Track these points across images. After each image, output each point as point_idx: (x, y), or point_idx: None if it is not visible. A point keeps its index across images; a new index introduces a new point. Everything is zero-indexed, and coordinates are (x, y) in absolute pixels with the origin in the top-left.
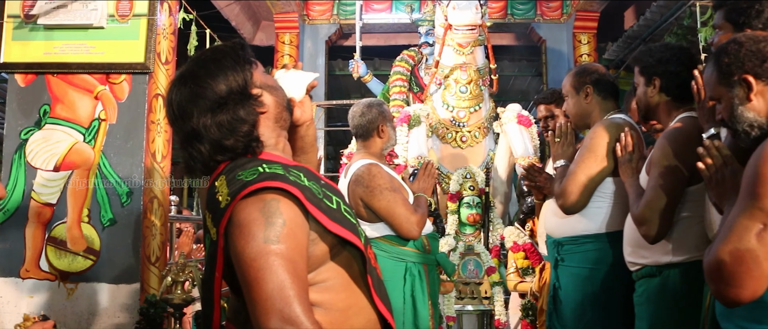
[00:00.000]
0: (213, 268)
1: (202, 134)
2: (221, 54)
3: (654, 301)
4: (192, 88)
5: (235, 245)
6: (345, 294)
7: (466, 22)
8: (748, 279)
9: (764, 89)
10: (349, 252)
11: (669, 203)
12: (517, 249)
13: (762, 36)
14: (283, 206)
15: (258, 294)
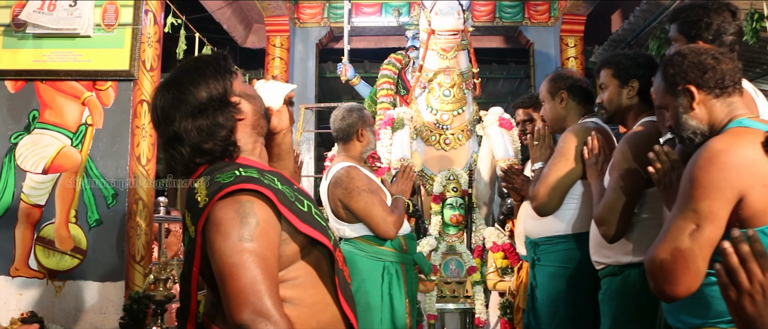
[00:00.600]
0: (191, 264)
1: (183, 138)
2: (203, 63)
3: (615, 299)
4: (175, 94)
5: (213, 242)
6: (313, 290)
7: (448, 27)
8: (683, 276)
9: (706, 99)
10: (319, 253)
11: (627, 205)
12: (497, 249)
13: (704, 49)
14: (257, 207)
15: (232, 288)
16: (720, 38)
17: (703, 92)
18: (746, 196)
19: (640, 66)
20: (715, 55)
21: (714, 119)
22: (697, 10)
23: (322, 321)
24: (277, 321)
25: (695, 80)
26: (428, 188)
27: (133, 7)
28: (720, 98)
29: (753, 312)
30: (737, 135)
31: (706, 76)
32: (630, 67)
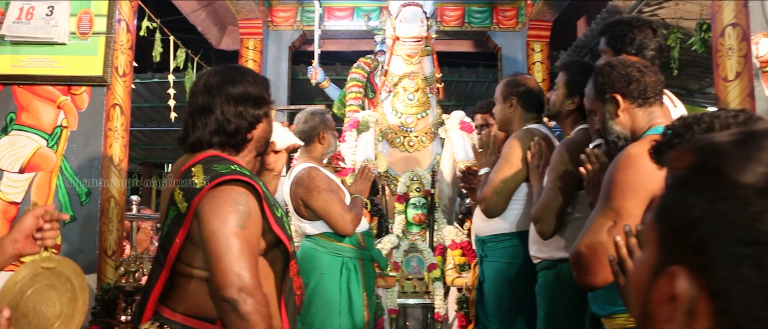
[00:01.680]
0: (175, 235)
1: (215, 111)
2: (257, 74)
3: (550, 291)
4: (233, 76)
5: (210, 224)
6: (266, 282)
7: (412, 34)
8: (600, 268)
9: (630, 107)
10: (277, 255)
11: (560, 205)
12: (455, 246)
13: (631, 62)
14: (250, 200)
15: (224, 265)
16: (642, 52)
17: (628, 101)
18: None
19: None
20: (640, 68)
21: (636, 125)
22: (623, 26)
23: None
24: (259, 299)
25: (621, 90)
26: (392, 189)
27: (107, 17)
28: (642, 108)
29: None
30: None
31: (631, 87)
32: (580, 83)
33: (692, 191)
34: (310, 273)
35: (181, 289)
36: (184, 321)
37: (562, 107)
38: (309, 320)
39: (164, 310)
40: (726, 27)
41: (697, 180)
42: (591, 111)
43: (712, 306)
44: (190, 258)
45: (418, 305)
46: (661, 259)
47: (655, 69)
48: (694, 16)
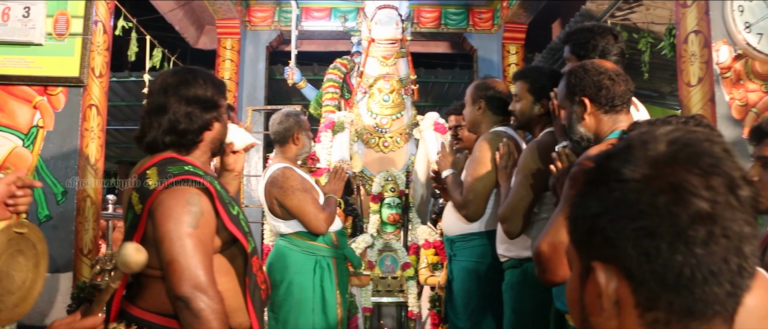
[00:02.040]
0: (132, 236)
1: (168, 111)
2: (213, 76)
3: (516, 289)
4: (187, 78)
5: (163, 225)
6: (226, 278)
7: (387, 36)
8: (560, 266)
9: (596, 112)
10: (236, 252)
11: (527, 205)
12: (428, 245)
13: (604, 68)
14: (202, 200)
15: (178, 265)
16: (605, 58)
17: (595, 106)
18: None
19: (554, 85)
20: (612, 76)
21: (600, 130)
22: (585, 34)
23: (233, 306)
24: (212, 296)
25: (590, 95)
26: (368, 188)
27: (83, 18)
28: (609, 114)
29: None
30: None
31: (601, 94)
32: (545, 87)
33: (590, 195)
34: (284, 271)
35: (146, 288)
36: (152, 318)
37: (531, 113)
38: (282, 317)
39: (132, 309)
40: (689, 34)
41: (593, 184)
42: (560, 107)
43: (630, 286)
44: (152, 260)
45: (392, 303)
46: (583, 265)
47: (627, 78)
48: (664, 21)
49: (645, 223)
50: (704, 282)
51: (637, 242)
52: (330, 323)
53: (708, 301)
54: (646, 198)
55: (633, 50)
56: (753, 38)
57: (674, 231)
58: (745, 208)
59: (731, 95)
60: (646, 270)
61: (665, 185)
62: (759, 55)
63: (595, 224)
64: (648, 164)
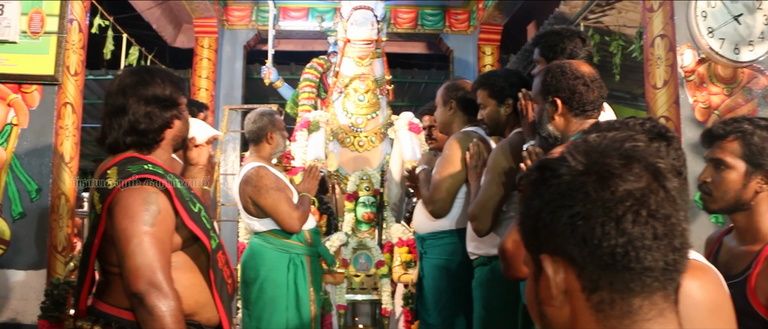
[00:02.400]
0: (94, 236)
1: (128, 112)
2: (171, 74)
3: (485, 286)
4: (144, 78)
5: (120, 223)
6: (190, 274)
7: (362, 37)
8: (524, 262)
9: (567, 114)
10: (198, 248)
11: (496, 203)
12: (402, 244)
13: (581, 72)
14: (160, 198)
15: (132, 262)
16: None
17: (566, 108)
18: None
19: (512, 85)
20: (588, 82)
21: (567, 130)
22: (554, 37)
23: (200, 302)
24: (167, 293)
25: (564, 97)
26: (343, 187)
27: (59, 16)
28: (578, 117)
29: None
30: None
31: (574, 98)
32: (504, 88)
33: (533, 195)
34: (258, 268)
35: (113, 284)
36: (119, 313)
37: (499, 117)
38: (256, 314)
39: (101, 305)
40: (655, 38)
41: (535, 185)
42: (533, 100)
43: (575, 272)
44: (110, 257)
45: (366, 301)
46: (534, 263)
47: (601, 84)
48: (635, 24)
49: (579, 209)
50: (637, 259)
51: (574, 228)
52: (303, 320)
53: (645, 276)
54: (577, 187)
55: (605, 52)
56: (715, 43)
57: (604, 213)
58: (671, 196)
59: (695, 97)
60: (585, 254)
61: (592, 173)
62: (721, 60)
63: (538, 220)
64: (578, 159)
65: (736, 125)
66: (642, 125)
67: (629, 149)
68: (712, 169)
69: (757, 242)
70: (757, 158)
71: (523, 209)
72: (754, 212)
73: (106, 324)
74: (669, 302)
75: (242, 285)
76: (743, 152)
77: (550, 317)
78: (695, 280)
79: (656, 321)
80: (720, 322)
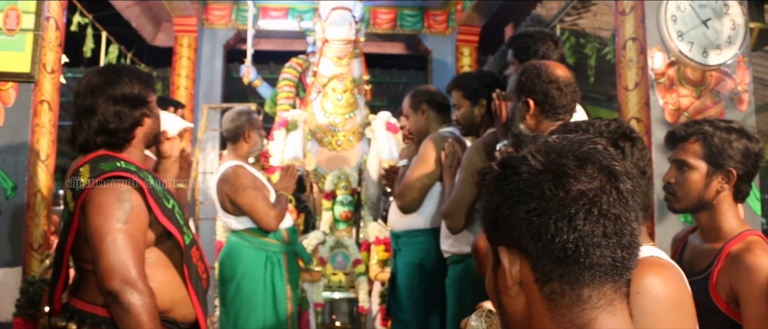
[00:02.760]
0: (67, 233)
1: (97, 113)
2: (139, 71)
3: (459, 283)
4: (111, 77)
5: (93, 220)
6: (164, 270)
7: (340, 37)
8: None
9: (538, 115)
10: (172, 245)
11: (469, 202)
12: (379, 242)
13: (555, 76)
14: (133, 195)
15: (106, 260)
16: None
17: (538, 110)
18: None
19: (486, 86)
20: (561, 87)
21: (538, 131)
22: (527, 39)
23: (175, 299)
24: (142, 290)
25: (536, 99)
26: (320, 186)
27: (35, 14)
28: (549, 119)
29: None
30: None
31: (546, 101)
32: (478, 89)
33: (494, 190)
34: (235, 266)
35: (87, 282)
36: (94, 310)
37: (473, 117)
38: (234, 312)
39: (76, 302)
40: (627, 40)
41: (497, 181)
42: (506, 98)
43: (529, 264)
44: (84, 254)
45: (343, 299)
46: (494, 255)
47: (575, 89)
48: (610, 26)
49: (535, 205)
50: (587, 254)
51: (529, 223)
52: (280, 318)
53: (594, 269)
54: (534, 184)
55: (581, 54)
56: (685, 46)
57: (558, 210)
58: (623, 197)
59: (665, 99)
60: (539, 247)
61: (549, 172)
62: (690, 63)
63: (498, 214)
64: (538, 159)
65: (697, 127)
66: (607, 125)
67: (585, 152)
68: (675, 170)
69: (718, 241)
70: (717, 158)
71: (485, 203)
72: (716, 212)
73: (80, 321)
74: (619, 293)
75: (220, 282)
76: (704, 153)
77: (506, 306)
78: (657, 277)
79: (605, 309)
80: (681, 318)
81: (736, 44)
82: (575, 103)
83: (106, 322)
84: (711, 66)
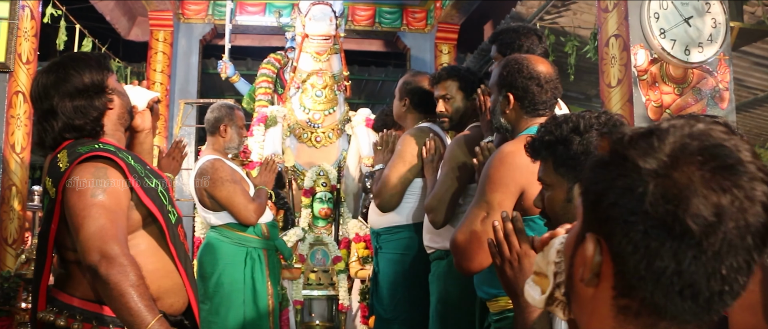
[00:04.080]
0: (50, 221)
1: (58, 113)
2: (87, 56)
3: (442, 279)
4: (59, 75)
5: (69, 199)
6: (153, 258)
7: (320, 32)
8: (475, 255)
9: (518, 110)
10: (158, 226)
11: (452, 196)
12: (359, 239)
13: (536, 73)
14: (110, 172)
15: (83, 235)
16: None
17: (518, 105)
18: (526, 191)
19: (480, 81)
20: (542, 83)
21: (518, 125)
22: (511, 34)
23: (163, 287)
24: (122, 262)
25: (516, 94)
26: (299, 183)
27: (9, 2)
28: (529, 115)
29: (511, 275)
30: (524, 141)
31: (526, 97)
32: (474, 82)
33: (603, 170)
34: (214, 263)
35: (74, 275)
36: (81, 304)
37: (464, 109)
38: (214, 309)
39: (62, 296)
40: (610, 38)
41: (608, 162)
42: (488, 89)
43: (613, 267)
44: (68, 242)
45: (322, 296)
46: (582, 228)
47: (556, 85)
48: (590, 25)
49: (642, 218)
50: (680, 294)
51: (629, 231)
52: (261, 314)
53: (679, 310)
54: (649, 194)
55: (560, 53)
56: (667, 44)
57: (667, 236)
58: (753, 236)
59: (647, 96)
60: (630, 260)
61: (671, 186)
62: (672, 60)
63: (599, 201)
64: (661, 159)
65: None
66: (597, 118)
67: (729, 168)
68: None
69: None
70: None
71: (589, 175)
72: None
73: (70, 317)
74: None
75: (199, 279)
76: None
77: (574, 285)
78: None
79: None
80: None
81: (717, 42)
82: (556, 99)
83: (96, 318)
84: (693, 63)
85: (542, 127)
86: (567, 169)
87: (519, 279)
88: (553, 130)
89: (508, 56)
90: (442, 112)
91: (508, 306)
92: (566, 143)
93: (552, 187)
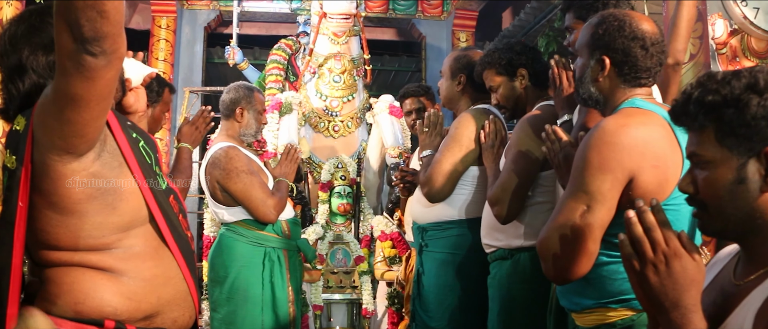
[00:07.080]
0: (14, 199)
1: (27, 70)
2: None
3: (506, 283)
4: (32, 23)
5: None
6: (151, 263)
7: (340, 10)
8: (574, 258)
9: (614, 77)
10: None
11: (521, 185)
12: (385, 238)
13: (641, 33)
14: None
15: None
16: None
17: (615, 71)
18: (637, 177)
19: (519, 54)
20: (646, 45)
21: (612, 97)
22: None
23: (163, 297)
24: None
25: (615, 58)
26: (316, 176)
27: None
28: (627, 85)
29: (656, 282)
30: (629, 115)
31: (627, 62)
32: (512, 59)
33: None
34: (228, 264)
35: (53, 282)
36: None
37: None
38: (227, 317)
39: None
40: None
41: None
42: (576, 51)
43: None
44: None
45: (343, 301)
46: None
47: (663, 49)
48: None
49: None
50: None
51: None
52: (281, 323)
53: None
54: None
55: None
56: (750, 12)
57: None
58: None
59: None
60: None
61: None
62: (756, 31)
63: None
64: None
65: None
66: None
67: None
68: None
69: None
70: None
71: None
72: None
73: None
74: None
75: (210, 284)
76: None
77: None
78: None
79: None
80: None
81: None
82: (660, 66)
83: None
84: None
85: (698, 85)
86: (738, 139)
87: (667, 286)
88: (718, 88)
89: (603, 12)
90: (496, 104)
91: (603, 320)
92: (739, 105)
93: (713, 164)
